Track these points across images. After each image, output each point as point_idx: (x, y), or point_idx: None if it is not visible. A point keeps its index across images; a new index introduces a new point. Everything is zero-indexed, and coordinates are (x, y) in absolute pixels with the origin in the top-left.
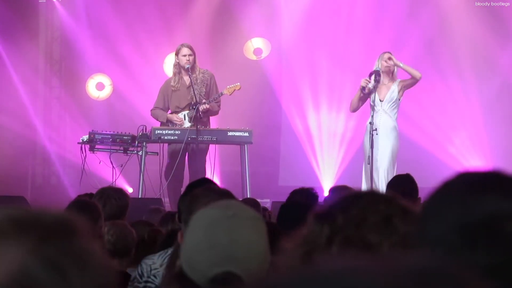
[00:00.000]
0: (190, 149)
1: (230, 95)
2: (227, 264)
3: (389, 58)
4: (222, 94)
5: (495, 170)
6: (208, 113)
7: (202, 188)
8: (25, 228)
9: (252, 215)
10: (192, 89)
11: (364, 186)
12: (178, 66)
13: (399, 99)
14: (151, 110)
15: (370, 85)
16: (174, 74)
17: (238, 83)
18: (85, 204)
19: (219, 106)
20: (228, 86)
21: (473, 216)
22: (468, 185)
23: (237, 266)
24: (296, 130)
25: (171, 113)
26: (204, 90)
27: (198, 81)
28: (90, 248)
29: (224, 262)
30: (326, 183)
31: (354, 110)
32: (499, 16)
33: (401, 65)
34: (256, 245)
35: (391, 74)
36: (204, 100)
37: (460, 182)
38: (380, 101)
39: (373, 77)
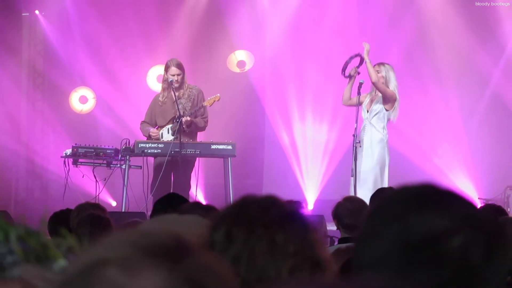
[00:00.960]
0: (175, 163)
1: (210, 106)
2: None
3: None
4: (202, 105)
5: (430, 184)
6: (194, 127)
7: (187, 204)
8: (154, 255)
9: (189, 223)
10: (176, 104)
11: None
12: (167, 81)
13: (386, 110)
14: (140, 123)
15: (352, 72)
16: (163, 89)
17: (218, 94)
18: (98, 218)
19: (206, 122)
20: (208, 98)
21: (413, 235)
22: (406, 202)
23: None
24: (280, 142)
25: (157, 127)
26: (190, 104)
27: (184, 96)
28: (211, 261)
29: None
30: (309, 195)
31: (345, 102)
32: (482, 23)
33: (367, 60)
34: None
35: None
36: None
37: (397, 199)
38: (366, 111)
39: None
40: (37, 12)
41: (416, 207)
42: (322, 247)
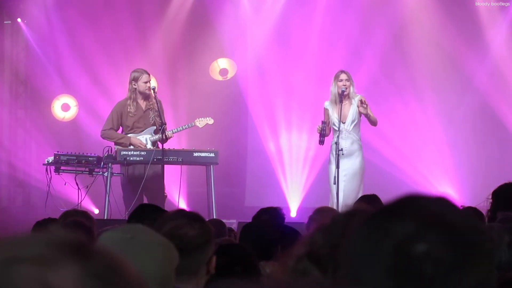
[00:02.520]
0: (150, 173)
1: (201, 127)
2: None
3: (362, 102)
4: (193, 125)
5: (413, 193)
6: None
7: (171, 212)
8: (66, 252)
9: (153, 240)
10: (150, 113)
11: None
12: (135, 91)
13: (360, 116)
14: (102, 131)
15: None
16: (132, 99)
17: (211, 118)
18: (80, 224)
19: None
20: (200, 118)
21: (384, 243)
22: (383, 211)
23: None
24: (263, 150)
25: (122, 133)
26: (158, 118)
27: (154, 107)
28: (116, 259)
29: None
30: (292, 204)
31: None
32: (459, 28)
33: (370, 114)
34: (148, 270)
35: (348, 95)
36: (157, 126)
37: (378, 208)
38: (342, 123)
39: (319, 126)
40: (19, 20)
41: (392, 214)
42: None
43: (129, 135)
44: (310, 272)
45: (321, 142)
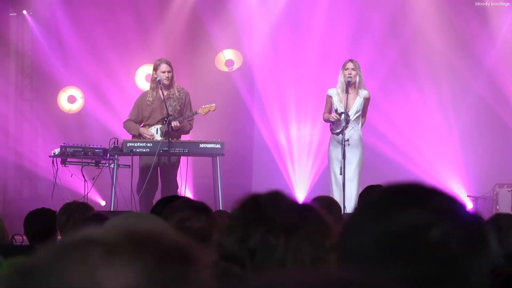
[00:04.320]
0: (162, 163)
1: (204, 115)
2: None
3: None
4: (196, 113)
5: (416, 182)
6: (179, 131)
7: (177, 202)
8: (143, 247)
9: (158, 225)
10: (165, 104)
11: (334, 196)
12: (155, 81)
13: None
14: (124, 122)
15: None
16: (152, 89)
17: (214, 104)
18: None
19: (191, 124)
20: (203, 106)
21: (391, 228)
22: (389, 198)
23: None
24: (269, 142)
25: (144, 126)
26: (178, 107)
27: (174, 96)
28: (204, 279)
29: None
30: (299, 194)
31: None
32: (472, 29)
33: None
34: None
35: (354, 84)
36: (177, 116)
37: (381, 195)
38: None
39: (343, 116)
40: (24, 12)
41: (398, 202)
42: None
43: (146, 125)
44: (231, 270)
45: (337, 132)
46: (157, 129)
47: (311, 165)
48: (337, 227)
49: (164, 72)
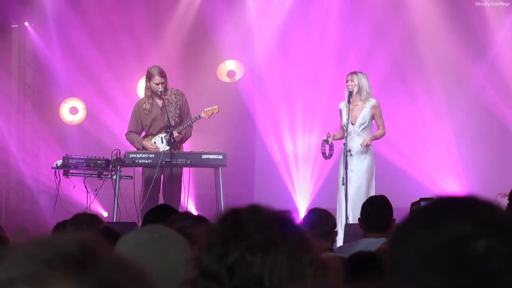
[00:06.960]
0: (166, 174)
1: (208, 118)
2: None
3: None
4: (200, 117)
5: (470, 195)
6: (183, 139)
7: (178, 214)
8: (60, 266)
9: (178, 239)
10: (165, 112)
11: (339, 207)
12: (150, 89)
13: (372, 120)
14: (125, 135)
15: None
16: (147, 96)
17: (216, 106)
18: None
19: (191, 129)
20: (206, 109)
21: (436, 237)
22: (439, 208)
23: (163, 285)
24: (271, 152)
25: (146, 134)
26: (178, 111)
27: (172, 103)
28: (121, 259)
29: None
30: (301, 205)
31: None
32: (471, 32)
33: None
34: (178, 267)
35: (359, 95)
36: (177, 121)
37: (433, 205)
38: (352, 124)
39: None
40: (26, 23)
41: (448, 213)
42: (317, 246)
43: (148, 135)
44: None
45: (326, 156)
46: (161, 138)
47: (313, 174)
48: (319, 241)
49: (157, 84)
